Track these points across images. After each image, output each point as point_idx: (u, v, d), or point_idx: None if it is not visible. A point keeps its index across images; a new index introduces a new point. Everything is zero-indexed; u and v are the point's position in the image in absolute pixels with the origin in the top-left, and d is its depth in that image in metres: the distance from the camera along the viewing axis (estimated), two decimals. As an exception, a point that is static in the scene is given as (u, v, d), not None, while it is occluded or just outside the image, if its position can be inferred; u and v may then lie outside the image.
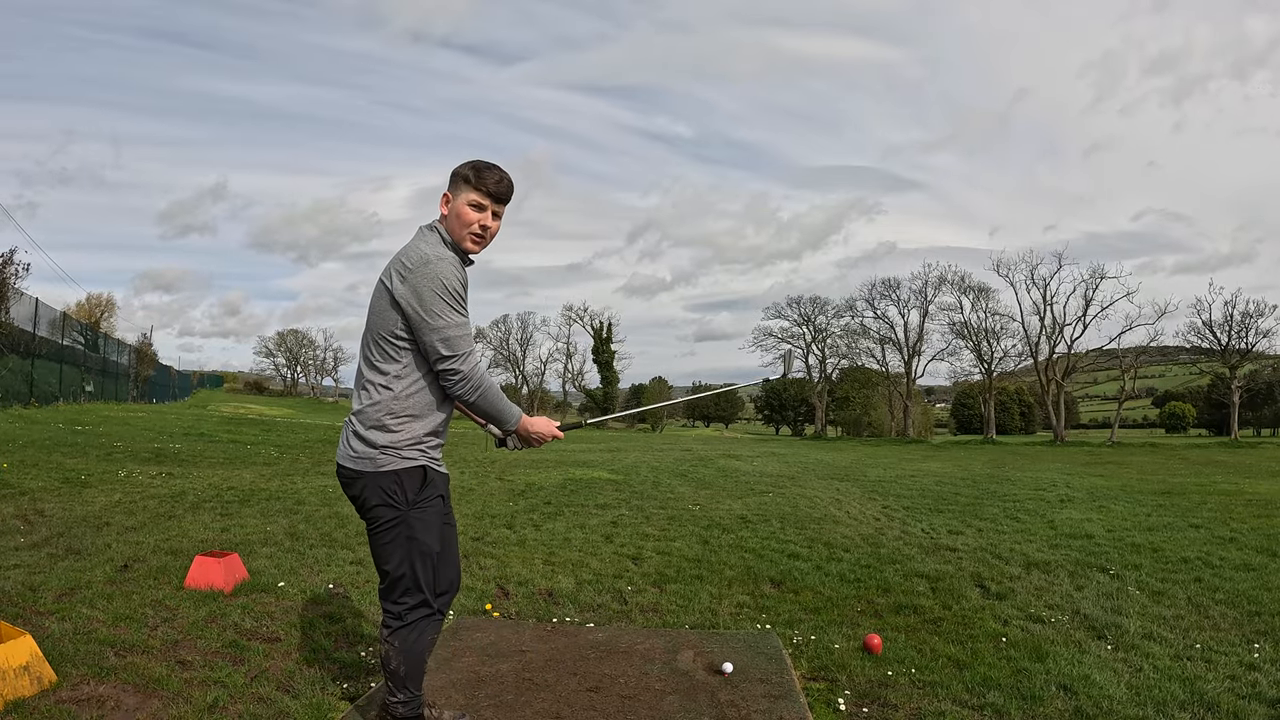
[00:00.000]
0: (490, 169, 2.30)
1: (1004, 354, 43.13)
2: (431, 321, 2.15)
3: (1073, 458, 22.99)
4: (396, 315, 2.19)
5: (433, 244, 2.25)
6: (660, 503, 8.35)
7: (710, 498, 9.10)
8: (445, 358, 2.18)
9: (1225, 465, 18.13)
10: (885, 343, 47.48)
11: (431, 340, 2.17)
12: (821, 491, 10.34)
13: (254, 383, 70.12)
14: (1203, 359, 40.65)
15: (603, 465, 13.26)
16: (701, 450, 20.61)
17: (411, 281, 2.16)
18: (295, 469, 10.38)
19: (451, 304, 2.17)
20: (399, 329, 2.19)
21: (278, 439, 14.92)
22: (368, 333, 2.27)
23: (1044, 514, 8.35)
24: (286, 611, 3.78)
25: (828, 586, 4.75)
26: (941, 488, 11.40)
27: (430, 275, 2.15)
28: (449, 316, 2.16)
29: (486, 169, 2.30)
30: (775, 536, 6.44)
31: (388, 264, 2.26)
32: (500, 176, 2.31)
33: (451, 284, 2.17)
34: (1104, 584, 5.00)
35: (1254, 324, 36.67)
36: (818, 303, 51.17)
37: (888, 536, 6.69)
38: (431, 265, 2.16)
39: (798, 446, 30.28)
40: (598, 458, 15.53)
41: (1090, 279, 39.69)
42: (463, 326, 2.20)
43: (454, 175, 2.32)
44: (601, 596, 4.37)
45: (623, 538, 6.08)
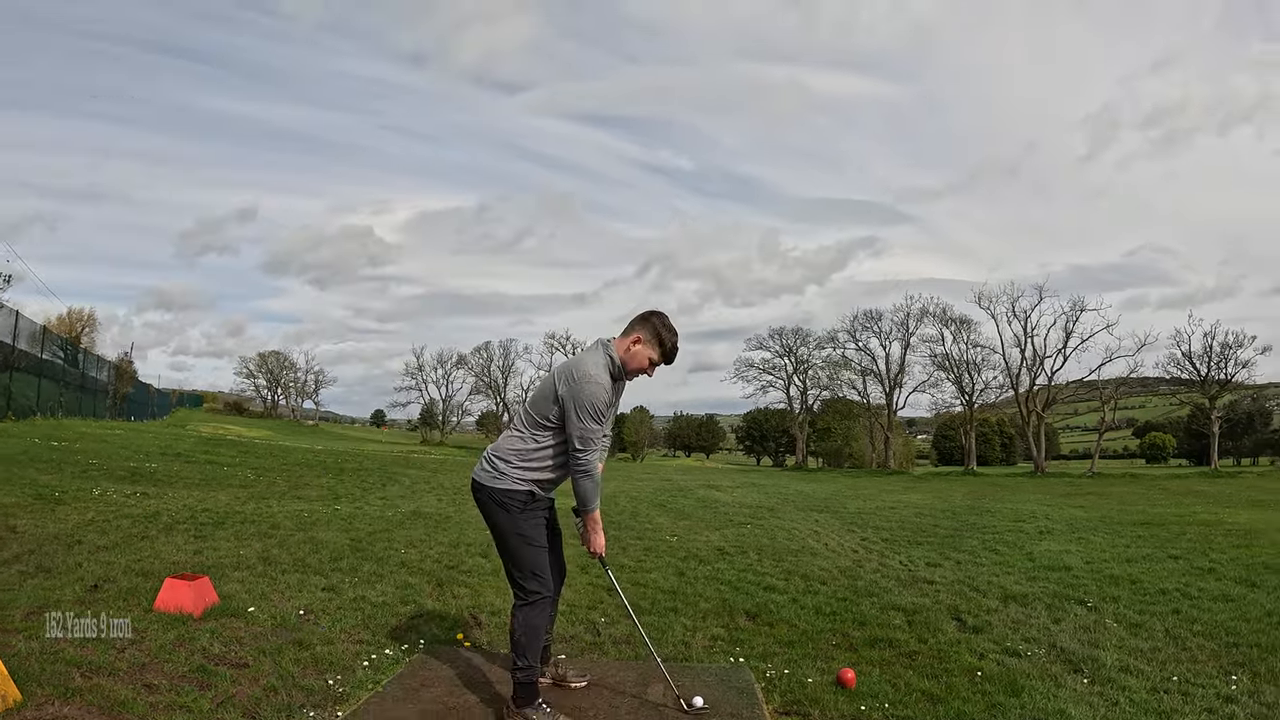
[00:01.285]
0: (676, 347, 3.01)
1: (985, 386, 43.52)
2: (578, 423, 2.88)
3: (1053, 489, 23.13)
4: (555, 407, 2.91)
5: (598, 366, 2.92)
6: (637, 533, 8.33)
7: (688, 529, 9.09)
8: (577, 450, 2.90)
9: (1205, 495, 18.30)
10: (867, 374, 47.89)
11: (573, 433, 2.89)
12: (800, 523, 10.34)
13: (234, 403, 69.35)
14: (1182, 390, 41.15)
15: (584, 491, 13.18)
16: (681, 480, 20.58)
17: (573, 390, 2.88)
18: (272, 492, 10.26)
19: (594, 416, 2.88)
20: (552, 416, 2.92)
21: (255, 461, 14.76)
22: (531, 403, 3.01)
23: (1023, 546, 8.38)
24: (256, 637, 3.74)
25: (803, 619, 4.73)
26: (921, 520, 11.42)
27: (587, 393, 2.86)
28: (589, 424, 2.87)
29: (676, 348, 3.01)
30: (752, 568, 6.43)
31: (563, 365, 3.00)
32: (677, 349, 3.02)
33: (599, 403, 2.87)
34: (1081, 617, 5.02)
35: (1233, 355, 37.24)
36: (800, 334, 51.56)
37: (865, 569, 6.69)
38: (590, 385, 2.87)
39: (778, 477, 30.30)
40: (580, 483, 15.46)
41: (1071, 311, 40.24)
42: (596, 432, 2.89)
43: (651, 329, 2.96)
44: (574, 628, 4.34)
45: (598, 569, 6.05)
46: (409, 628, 4.15)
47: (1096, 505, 15.30)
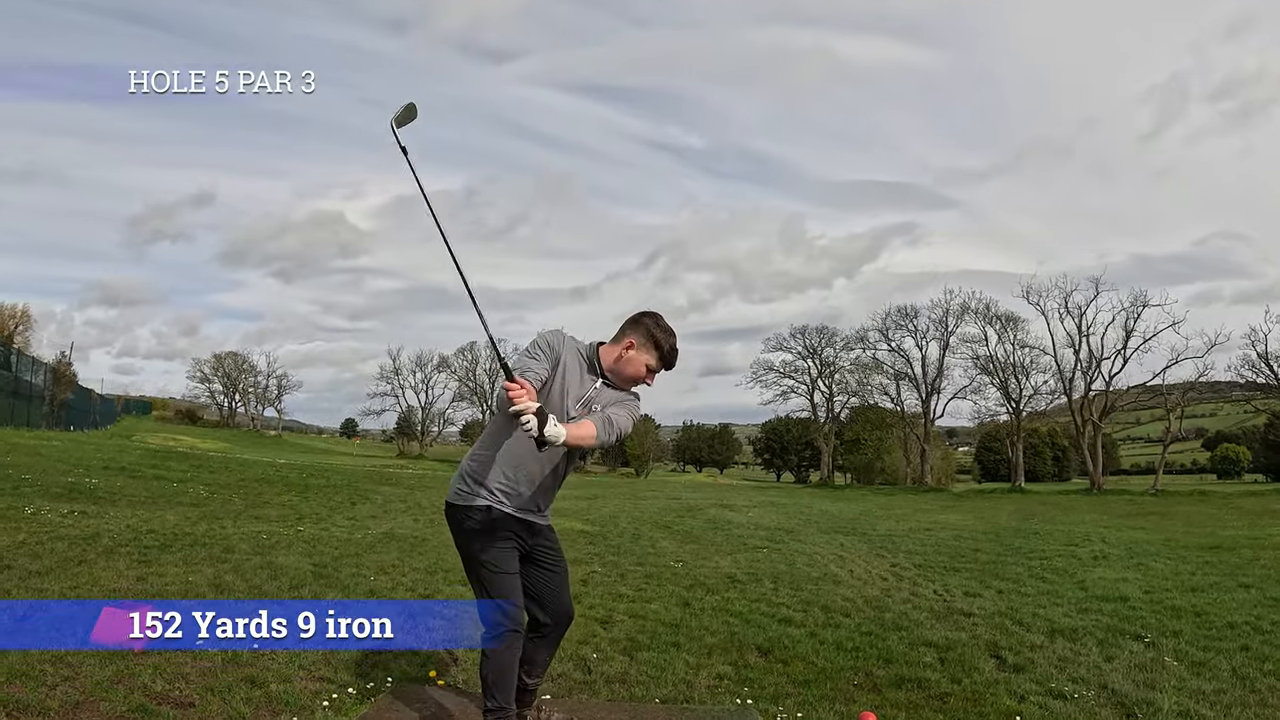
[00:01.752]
0: (675, 350, 3.05)
1: (1034, 391, 43.38)
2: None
3: (1111, 508, 23.10)
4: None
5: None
6: (639, 558, 8.36)
7: (696, 553, 9.11)
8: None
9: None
10: (901, 378, 47.68)
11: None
12: (823, 547, 10.37)
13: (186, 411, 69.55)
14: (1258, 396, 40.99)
15: (577, 514, 13.23)
16: (691, 499, 20.62)
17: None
18: (226, 511, 10.29)
19: (525, 352, 3.04)
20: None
21: (209, 476, 14.81)
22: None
23: (1074, 573, 8.39)
24: (203, 673, 3.75)
25: (821, 656, 4.74)
26: (960, 543, 11.44)
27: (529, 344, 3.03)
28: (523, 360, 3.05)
29: (675, 350, 3.05)
30: (766, 598, 6.44)
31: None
32: (676, 351, 3.06)
33: (532, 343, 3.03)
34: (1137, 654, 5.02)
35: (1318, 356, 36.97)
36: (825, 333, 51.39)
37: (894, 599, 6.70)
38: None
39: (800, 495, 30.29)
40: (571, 506, 15.48)
41: (1131, 307, 40.02)
42: (528, 370, 2.95)
43: (644, 331, 3.02)
44: (563, 664, 4.35)
45: (592, 598, 6.07)
46: (376, 664, 4.17)
47: (1159, 527, 15.29)
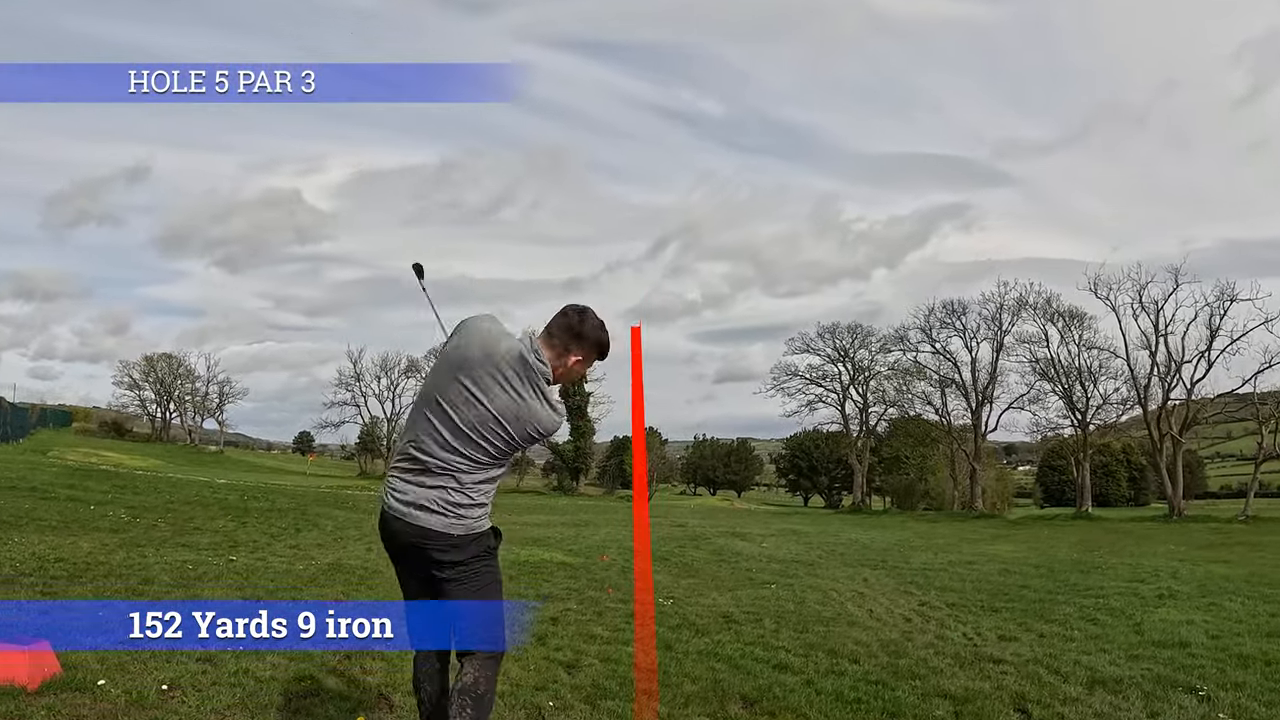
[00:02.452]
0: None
1: (1103, 400, 43.26)
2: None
3: (1192, 537, 23.01)
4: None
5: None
6: (624, 594, 8.44)
7: (692, 589, 9.22)
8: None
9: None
10: (947, 386, 47.69)
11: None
12: (843, 582, 10.47)
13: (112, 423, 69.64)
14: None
15: (560, 544, 13.34)
16: (698, 526, 20.70)
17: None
18: (149, 538, 10.42)
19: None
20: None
21: (134, 498, 14.97)
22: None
23: (1132, 614, 8.44)
24: (103, 716, 3.84)
25: (816, 708, 4.81)
26: (1005, 578, 11.51)
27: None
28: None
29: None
30: (763, 641, 6.53)
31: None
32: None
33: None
34: (1188, 709, 5.06)
35: None
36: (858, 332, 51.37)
37: (915, 643, 6.77)
38: None
39: (828, 522, 30.31)
40: (556, 534, 15.57)
41: (1217, 302, 39.69)
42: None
43: (580, 339, 3.23)
44: (513, 713, 4.43)
45: (560, 638, 6.16)
46: (299, 709, 4.25)
47: (1246, 560, 15.24)
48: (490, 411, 3.10)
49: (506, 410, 3.11)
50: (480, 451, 3.12)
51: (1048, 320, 44.10)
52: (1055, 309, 43.91)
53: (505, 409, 3.11)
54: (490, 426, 3.11)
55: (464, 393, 3.10)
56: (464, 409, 3.09)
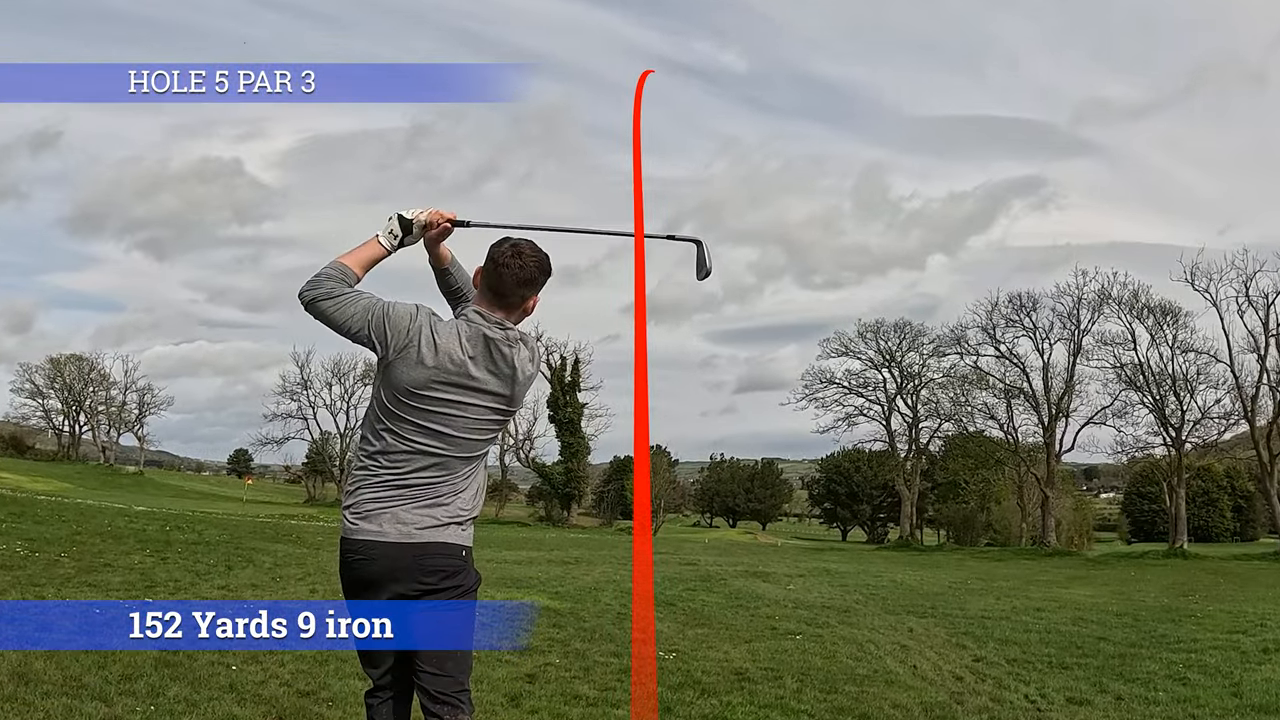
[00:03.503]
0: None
1: (1202, 414, 43.16)
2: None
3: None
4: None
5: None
6: (618, 646, 8.44)
7: (700, 640, 9.20)
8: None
9: None
10: (1014, 396, 47.60)
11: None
12: (883, 633, 10.48)
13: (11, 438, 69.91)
14: None
15: (544, 586, 13.38)
16: (712, 564, 20.76)
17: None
18: (50, 576, 10.42)
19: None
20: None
21: (33, 528, 14.96)
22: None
23: (1230, 672, 8.45)
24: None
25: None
26: (1080, 629, 11.52)
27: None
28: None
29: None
30: (782, 704, 6.53)
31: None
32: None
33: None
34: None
35: None
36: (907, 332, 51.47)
37: (966, 706, 6.78)
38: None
39: (870, 560, 30.29)
40: (543, 573, 15.55)
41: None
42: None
43: (534, 284, 3.41)
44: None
45: (537, 699, 6.17)
46: None
47: (1371, 609, 15.21)
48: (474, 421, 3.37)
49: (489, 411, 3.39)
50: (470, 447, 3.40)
51: (1135, 317, 44.12)
52: (1145, 304, 43.88)
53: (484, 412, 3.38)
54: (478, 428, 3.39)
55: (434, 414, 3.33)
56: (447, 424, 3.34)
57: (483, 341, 3.31)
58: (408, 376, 3.25)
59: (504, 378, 3.35)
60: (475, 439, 3.39)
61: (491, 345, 3.32)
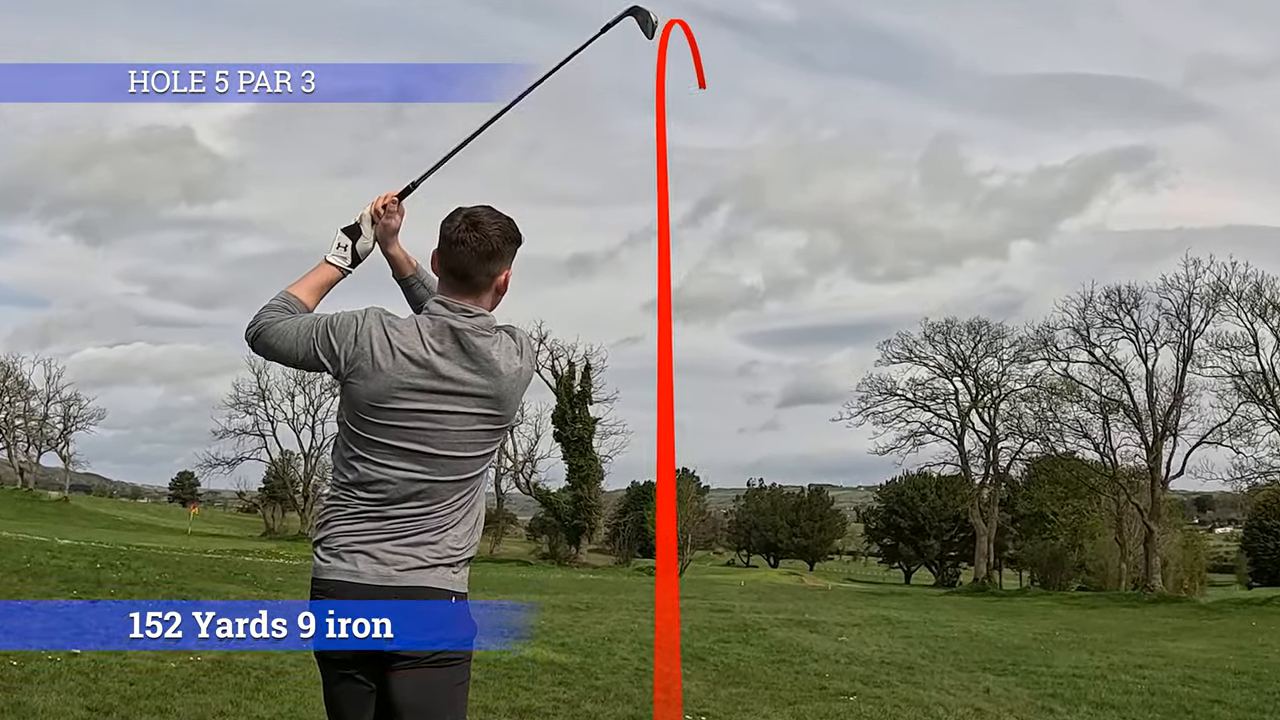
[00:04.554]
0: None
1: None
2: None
3: None
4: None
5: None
6: (637, 709, 8.47)
7: (735, 702, 9.22)
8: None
9: None
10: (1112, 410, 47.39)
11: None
12: (954, 694, 10.48)
13: (-88, 459, 70.41)
14: None
15: (551, 636, 13.49)
16: (750, 611, 20.81)
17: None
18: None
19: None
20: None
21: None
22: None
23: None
24: None
25: None
26: (1190, 689, 11.49)
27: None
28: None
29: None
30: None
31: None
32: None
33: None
34: None
35: None
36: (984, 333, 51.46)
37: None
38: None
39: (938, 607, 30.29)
40: (547, 620, 15.61)
41: None
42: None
43: (502, 257, 3.43)
44: None
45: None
46: None
47: None
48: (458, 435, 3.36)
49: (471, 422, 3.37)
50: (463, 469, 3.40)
51: (1258, 316, 43.77)
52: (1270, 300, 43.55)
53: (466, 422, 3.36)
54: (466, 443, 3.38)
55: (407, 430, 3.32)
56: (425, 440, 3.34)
57: (449, 334, 3.32)
58: (366, 390, 3.27)
59: (484, 373, 3.35)
60: (463, 457, 3.38)
61: (461, 337, 3.32)
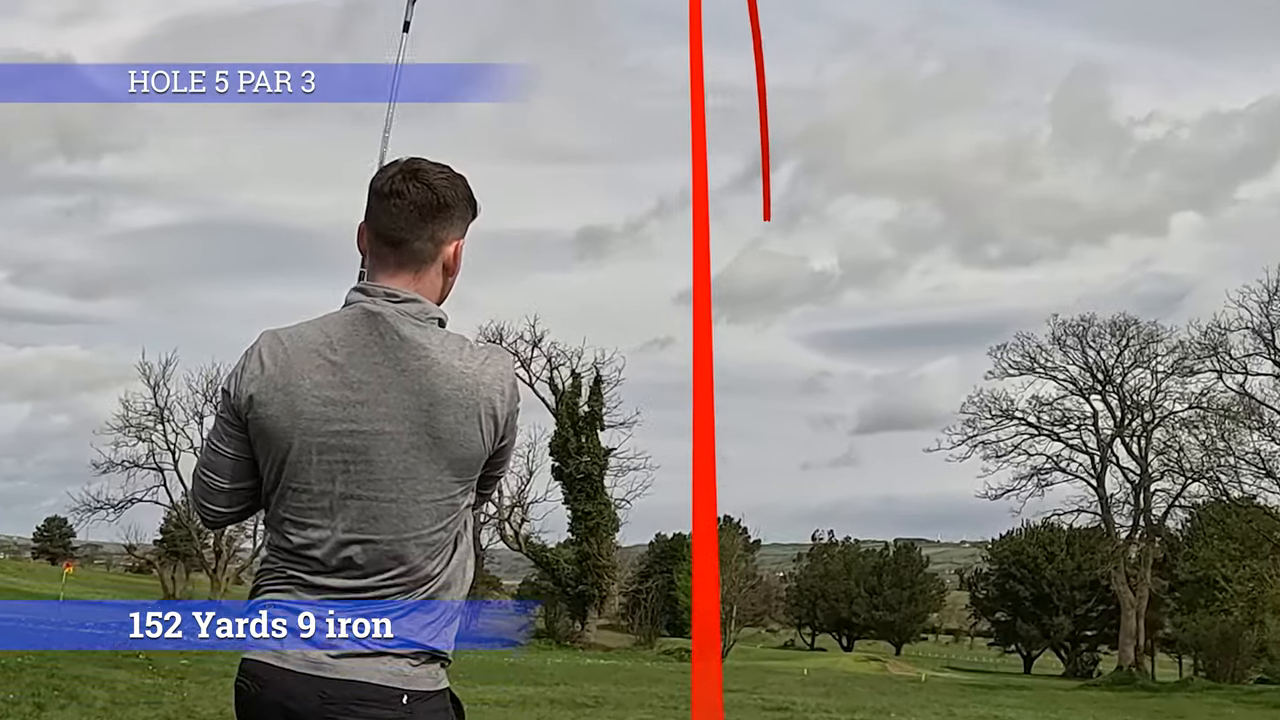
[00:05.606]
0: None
1: None
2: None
3: None
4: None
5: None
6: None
7: None
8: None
9: None
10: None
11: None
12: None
13: None
14: None
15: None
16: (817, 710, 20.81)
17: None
18: None
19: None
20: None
21: None
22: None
23: None
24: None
25: None
26: None
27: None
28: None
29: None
30: None
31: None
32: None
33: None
34: None
35: None
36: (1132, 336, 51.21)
37: None
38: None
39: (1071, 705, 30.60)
40: (543, 718, 15.64)
41: None
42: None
43: (449, 210, 3.41)
44: None
45: None
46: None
47: None
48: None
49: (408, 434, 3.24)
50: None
51: None
52: None
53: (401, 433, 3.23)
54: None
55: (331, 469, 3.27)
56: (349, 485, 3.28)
57: (364, 324, 3.26)
58: (266, 423, 3.26)
59: (413, 374, 3.22)
60: (410, 503, 3.28)
61: (379, 325, 3.25)
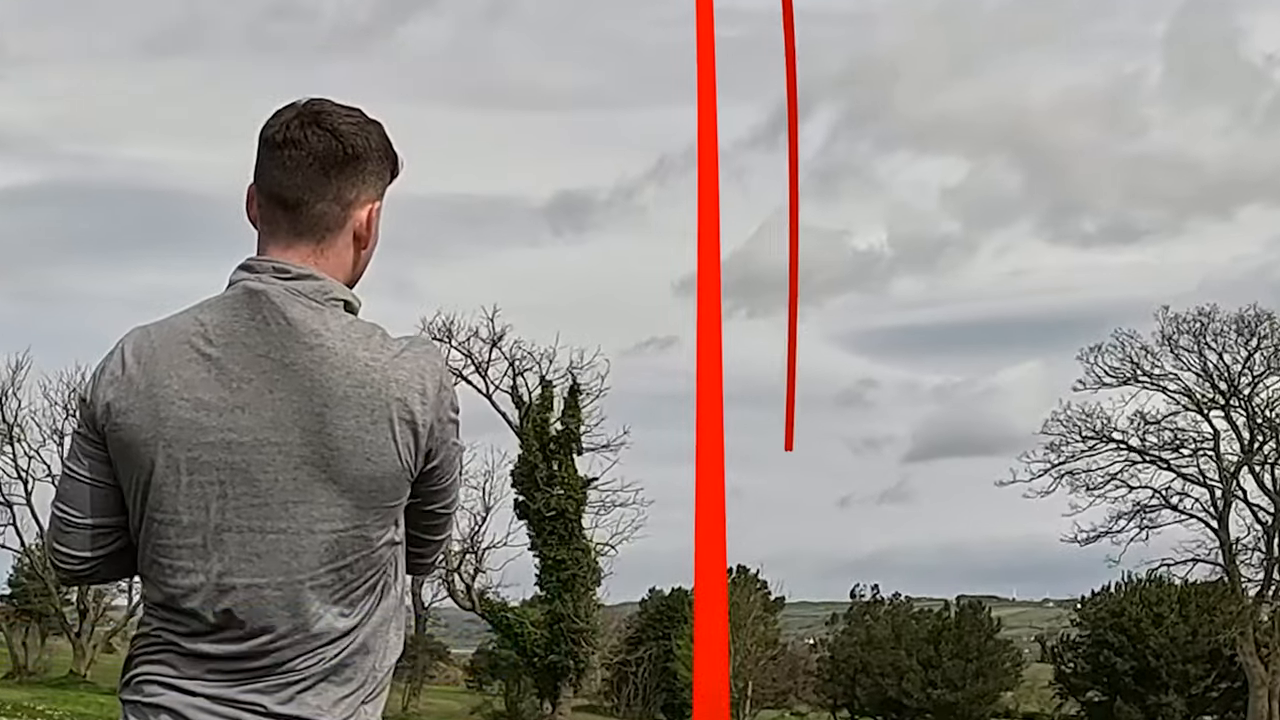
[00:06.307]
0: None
1: None
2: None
3: None
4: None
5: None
6: None
7: None
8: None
9: None
10: None
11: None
12: None
13: None
14: None
15: None
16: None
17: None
18: None
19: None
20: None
21: None
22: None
23: None
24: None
25: None
26: None
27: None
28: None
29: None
30: None
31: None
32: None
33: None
34: None
35: None
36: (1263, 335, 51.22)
37: None
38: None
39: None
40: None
41: None
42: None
43: (386, 155, 3.50)
44: None
45: None
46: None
47: None
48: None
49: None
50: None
51: None
52: None
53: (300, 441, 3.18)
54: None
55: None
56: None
57: (245, 306, 3.17)
58: (128, 434, 3.15)
59: (299, 366, 3.12)
60: (304, 534, 3.17)
61: (262, 307, 3.16)
